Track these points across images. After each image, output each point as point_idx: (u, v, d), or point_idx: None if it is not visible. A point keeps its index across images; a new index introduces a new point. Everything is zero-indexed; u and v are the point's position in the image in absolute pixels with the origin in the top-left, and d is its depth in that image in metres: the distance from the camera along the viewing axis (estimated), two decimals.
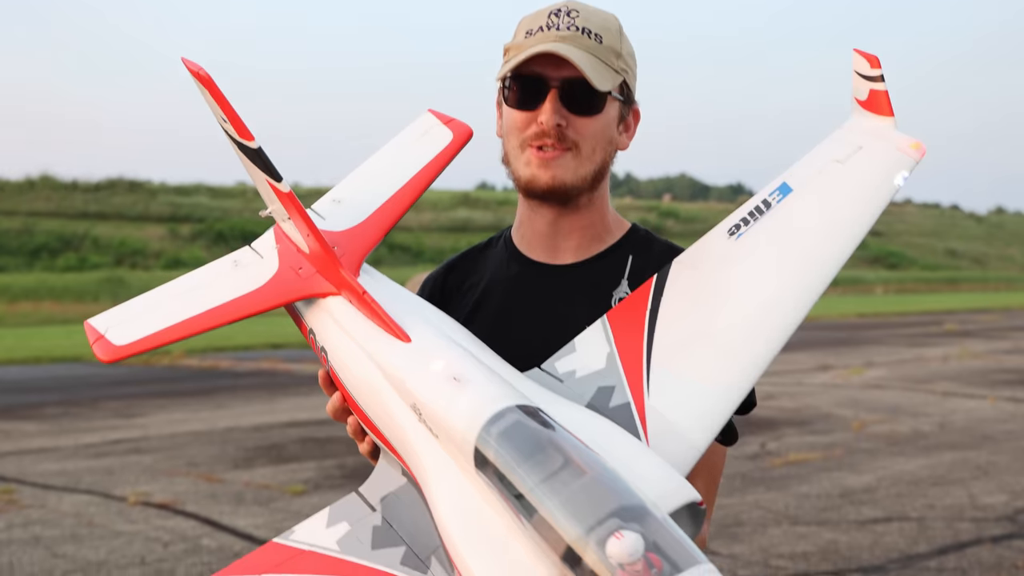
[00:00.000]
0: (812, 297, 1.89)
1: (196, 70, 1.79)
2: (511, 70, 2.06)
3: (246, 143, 1.86)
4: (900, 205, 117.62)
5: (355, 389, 1.86)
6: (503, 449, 1.50)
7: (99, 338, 1.95)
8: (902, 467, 9.63)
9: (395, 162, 2.22)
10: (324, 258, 1.93)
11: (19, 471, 9.68)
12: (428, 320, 1.85)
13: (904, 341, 24.71)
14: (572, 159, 2.08)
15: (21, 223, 49.41)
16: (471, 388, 1.62)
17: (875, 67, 1.97)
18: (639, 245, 2.21)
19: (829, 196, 1.98)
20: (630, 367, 1.82)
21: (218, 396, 14.95)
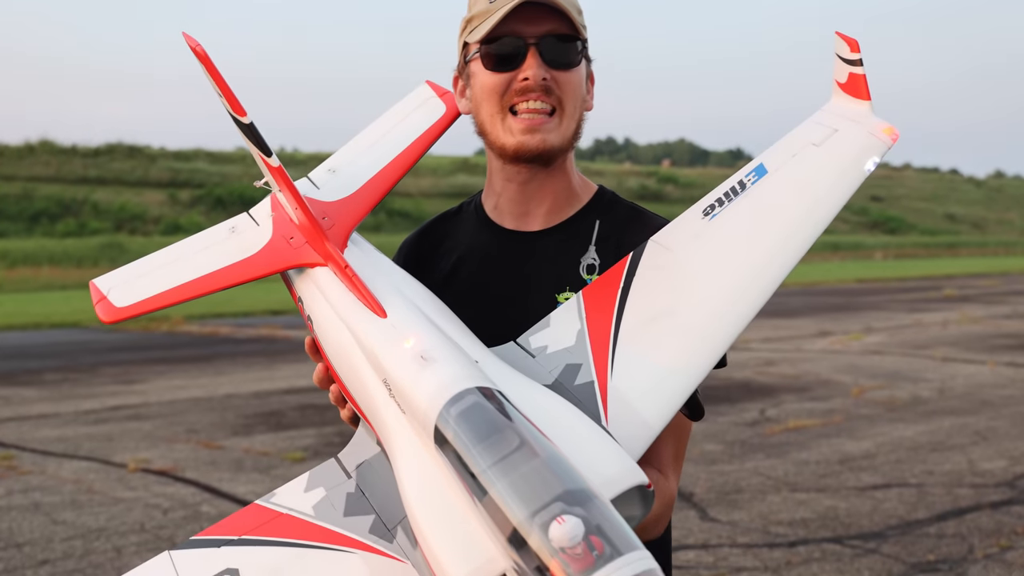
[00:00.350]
0: (775, 280, 1.92)
1: (194, 46, 1.81)
2: (490, 31, 2.03)
3: (239, 118, 1.90)
4: (899, 169, 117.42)
5: (335, 359, 1.91)
6: (460, 429, 1.54)
7: (102, 299, 2.01)
8: (901, 433, 9.64)
9: (390, 132, 2.25)
10: (311, 230, 1.98)
11: (19, 437, 9.70)
12: (405, 295, 1.88)
13: (903, 307, 24.74)
14: (557, 121, 2.08)
15: (20, 188, 49.33)
16: (436, 367, 1.65)
17: (855, 51, 1.98)
18: (605, 209, 2.22)
19: (800, 179, 2.00)
20: (597, 345, 1.85)
21: (218, 362, 14.97)
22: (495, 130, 2.10)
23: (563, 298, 2.08)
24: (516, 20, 2.03)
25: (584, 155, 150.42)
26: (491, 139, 2.12)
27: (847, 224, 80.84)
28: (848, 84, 2.04)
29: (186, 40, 1.84)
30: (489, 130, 2.11)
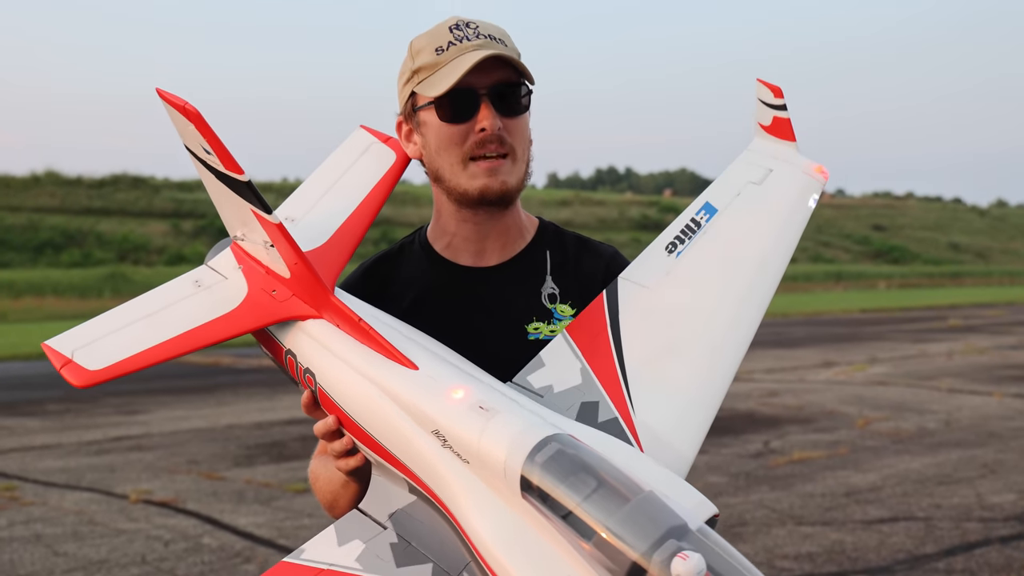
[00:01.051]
0: (760, 309, 2.06)
1: (182, 105, 1.76)
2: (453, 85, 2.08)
3: (235, 176, 1.85)
4: (902, 199, 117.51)
5: (357, 412, 1.88)
6: (550, 476, 1.58)
7: (67, 362, 1.88)
8: (907, 465, 9.58)
9: (343, 180, 2.25)
10: (310, 283, 1.95)
11: (21, 468, 9.66)
12: (417, 342, 1.92)
13: (908, 337, 24.68)
14: (511, 163, 2.16)
15: (26, 219, 49.44)
16: (502, 417, 1.68)
17: (778, 96, 2.17)
18: (553, 241, 2.31)
19: (755, 216, 2.15)
20: (608, 383, 1.92)
21: (219, 393, 14.93)
22: (456, 178, 2.16)
23: (532, 328, 2.17)
24: (468, 72, 2.10)
25: (585, 185, 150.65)
26: (450, 185, 2.18)
27: (849, 254, 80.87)
28: (773, 126, 2.23)
29: (167, 99, 1.80)
30: (448, 178, 2.17)
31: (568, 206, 76.44)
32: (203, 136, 1.80)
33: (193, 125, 1.79)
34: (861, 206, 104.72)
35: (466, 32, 2.13)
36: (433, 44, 2.13)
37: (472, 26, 2.14)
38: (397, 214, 56.00)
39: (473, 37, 2.12)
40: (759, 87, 2.17)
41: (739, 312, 2.04)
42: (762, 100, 2.19)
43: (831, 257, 77.98)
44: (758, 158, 2.23)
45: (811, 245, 79.86)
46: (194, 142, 1.87)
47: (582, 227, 49.35)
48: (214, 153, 1.83)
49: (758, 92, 2.18)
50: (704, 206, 2.16)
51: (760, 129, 2.24)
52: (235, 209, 1.98)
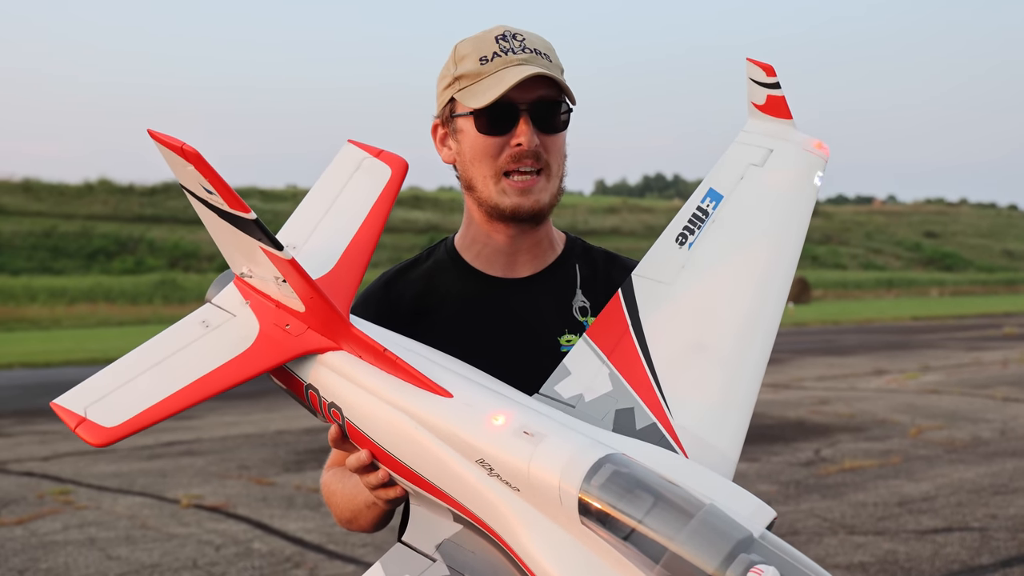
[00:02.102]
0: (782, 297, 2.00)
1: (179, 146, 1.69)
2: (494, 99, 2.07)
3: (242, 215, 1.78)
4: (954, 205, 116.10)
5: (392, 445, 1.82)
6: (609, 497, 1.56)
7: (81, 421, 1.78)
8: (962, 475, 9.44)
9: (340, 201, 2.14)
10: (327, 316, 1.88)
11: (76, 472, 9.78)
12: (447, 367, 1.86)
13: (961, 345, 24.36)
14: (545, 180, 2.16)
15: (80, 226, 50.18)
16: (550, 441, 1.65)
17: (771, 75, 2.11)
18: (581, 255, 2.31)
19: (763, 200, 2.10)
20: (640, 387, 1.87)
21: (269, 399, 15.03)
22: (488, 190, 2.16)
23: (565, 340, 2.15)
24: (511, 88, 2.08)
25: (633, 192, 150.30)
26: (483, 197, 2.17)
27: (901, 261, 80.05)
28: (767, 105, 2.16)
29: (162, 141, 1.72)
30: (481, 188, 2.16)
31: (616, 213, 76.35)
32: (204, 176, 1.73)
33: (192, 166, 1.72)
34: (913, 212, 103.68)
35: (512, 44, 2.11)
36: (478, 52, 2.12)
37: (519, 38, 2.13)
38: (445, 221, 56.23)
39: (519, 51, 2.11)
40: (749, 66, 2.11)
41: (761, 300, 1.98)
42: (754, 79, 2.13)
43: (882, 264, 77.25)
44: (756, 139, 2.17)
45: (862, 252, 79.18)
46: (192, 182, 1.79)
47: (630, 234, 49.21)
48: (217, 193, 1.75)
49: (749, 72, 2.13)
50: (708, 193, 2.10)
51: (754, 108, 2.18)
52: (240, 246, 1.90)
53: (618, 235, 63.99)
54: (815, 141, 2.15)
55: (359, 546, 7.14)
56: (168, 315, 31.60)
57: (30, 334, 29.26)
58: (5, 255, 45.78)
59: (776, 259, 2.03)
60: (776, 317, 1.98)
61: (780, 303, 2.00)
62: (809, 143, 2.15)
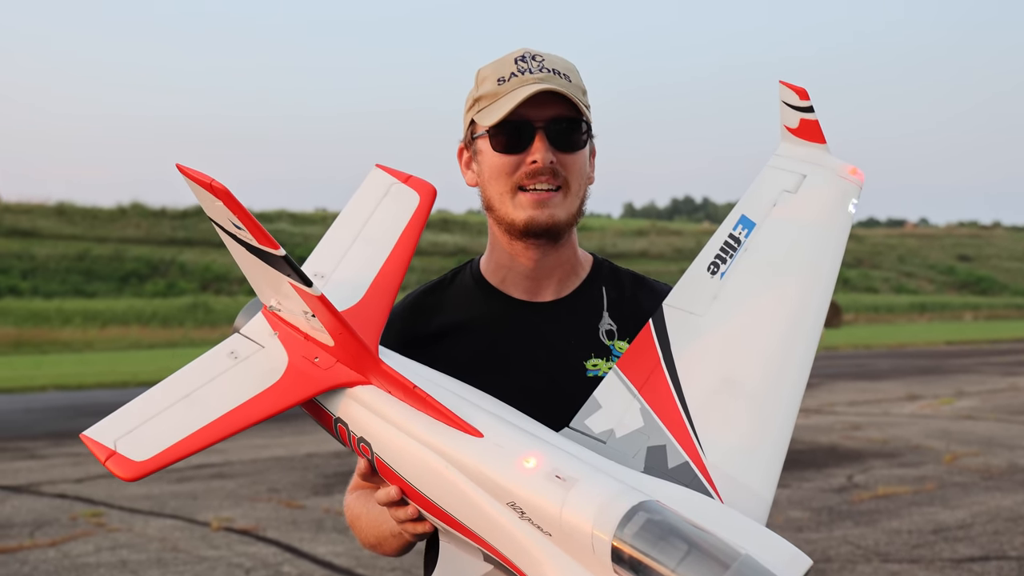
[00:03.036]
0: (816, 329, 1.95)
1: (208, 182, 1.69)
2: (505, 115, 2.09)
3: (271, 251, 1.77)
4: (988, 228, 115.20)
5: (421, 482, 1.81)
6: (642, 546, 1.54)
7: (111, 454, 1.77)
8: (999, 502, 9.33)
9: (368, 228, 2.14)
10: (356, 350, 1.87)
11: (108, 495, 9.82)
12: (474, 403, 1.84)
13: (997, 370, 24.11)
14: (562, 197, 2.14)
15: (112, 249, 50.57)
16: (583, 487, 1.63)
17: (804, 99, 2.05)
18: (608, 277, 2.29)
19: (795, 229, 2.05)
20: (672, 423, 1.84)
21: (299, 422, 15.05)
22: (504, 207, 2.15)
23: (591, 364, 2.13)
24: (524, 104, 2.09)
25: (662, 215, 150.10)
26: (500, 215, 2.17)
27: (933, 284, 79.45)
28: (800, 129, 2.11)
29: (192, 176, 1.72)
30: (498, 207, 2.16)
31: (644, 236, 76.20)
32: (233, 212, 1.73)
33: (222, 202, 1.71)
34: (946, 236, 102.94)
35: (530, 64, 2.12)
36: (496, 74, 2.14)
37: (538, 59, 2.14)
38: (474, 244, 56.32)
39: (536, 70, 2.11)
40: (783, 89, 2.07)
41: (795, 333, 1.94)
42: (787, 103, 2.09)
43: (915, 288, 76.69)
44: (789, 163, 2.12)
45: (894, 276, 78.66)
46: (221, 217, 1.78)
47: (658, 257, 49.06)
48: (245, 228, 1.75)
49: (782, 95, 2.08)
50: (740, 219, 2.05)
51: (787, 132, 2.12)
52: (269, 279, 1.90)
53: (646, 258, 63.87)
54: (849, 167, 2.11)
55: (388, 570, 7.13)
56: (199, 338, 31.75)
57: (63, 356, 29.48)
58: (39, 278, 46.21)
59: (810, 290, 1.98)
60: (811, 350, 1.93)
61: (815, 335, 1.95)
62: (843, 169, 2.10)
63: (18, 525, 8.53)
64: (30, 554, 7.67)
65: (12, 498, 9.68)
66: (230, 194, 1.69)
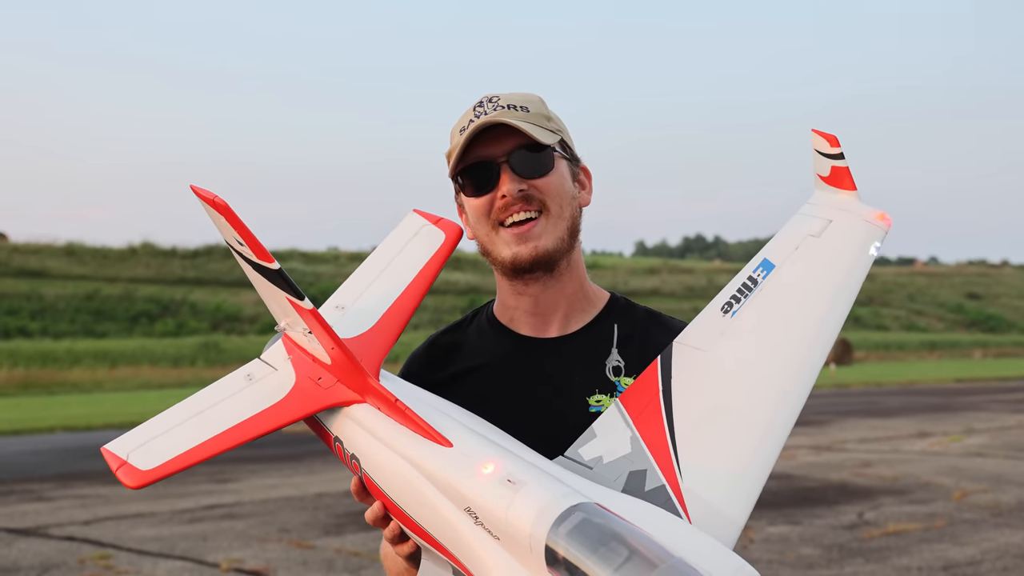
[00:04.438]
0: (815, 368, 1.96)
1: (211, 198, 1.80)
2: (458, 163, 2.15)
3: (267, 265, 1.88)
4: (997, 267, 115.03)
5: (397, 495, 1.87)
6: (575, 546, 1.53)
7: (122, 464, 1.91)
8: (1008, 539, 9.29)
9: (392, 265, 2.25)
10: (349, 368, 1.95)
11: (116, 536, 9.82)
12: (456, 420, 1.89)
13: (1006, 407, 24.01)
14: (545, 222, 2.16)
15: (122, 289, 50.71)
16: (529, 488, 1.64)
17: (835, 146, 2.08)
18: (621, 313, 2.29)
19: (812, 270, 2.06)
20: (657, 450, 1.86)
21: (310, 461, 15.06)
22: (493, 248, 2.19)
23: (594, 400, 2.14)
24: (484, 144, 2.14)
25: (674, 253, 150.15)
26: (492, 257, 2.21)
27: (943, 322, 79.27)
28: (831, 177, 2.13)
29: (198, 194, 1.83)
30: (489, 249, 2.20)
31: (656, 274, 76.25)
32: (233, 227, 1.83)
33: (224, 218, 1.82)
34: (955, 274, 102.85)
35: (486, 108, 2.16)
36: (459, 126, 2.18)
37: (495, 100, 2.17)
38: (485, 282, 56.36)
39: (491, 110, 2.14)
40: (815, 138, 2.10)
41: (794, 369, 1.95)
42: (819, 151, 2.12)
43: (925, 326, 76.51)
44: (818, 210, 2.15)
45: (904, 314, 78.50)
46: (230, 235, 1.89)
47: (669, 295, 48.95)
48: (245, 244, 1.85)
49: (814, 143, 2.11)
50: (762, 263, 2.08)
51: (819, 180, 2.16)
52: (275, 298, 2.00)
53: (658, 296, 63.88)
54: (878, 212, 2.13)
55: None
56: (210, 378, 31.48)
57: (72, 397, 29.52)
58: (48, 318, 46.34)
59: (815, 327, 1.99)
60: (806, 385, 1.94)
61: (813, 372, 1.96)
62: (871, 214, 2.12)
63: (25, 569, 8.53)
64: None
65: (19, 541, 9.68)
66: (230, 210, 1.80)
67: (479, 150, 2.14)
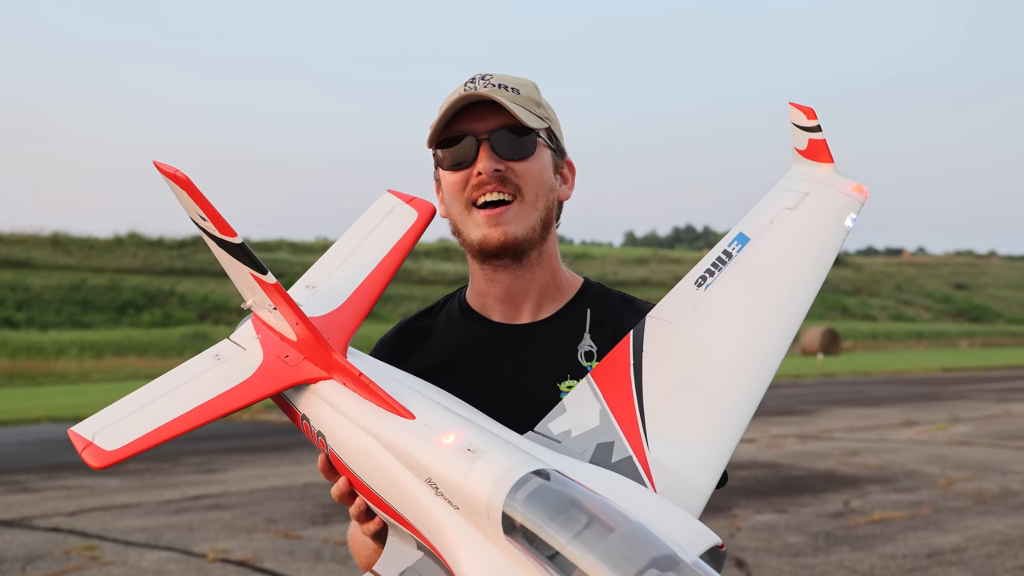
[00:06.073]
0: (786, 339, 1.95)
1: (172, 172, 1.79)
2: (439, 134, 2.12)
3: (229, 239, 1.86)
4: (984, 257, 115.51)
5: (361, 469, 1.86)
6: (531, 512, 1.52)
7: (88, 445, 1.92)
8: (992, 527, 9.34)
9: (363, 244, 2.24)
10: (314, 344, 1.94)
11: (102, 527, 9.80)
12: (422, 394, 1.88)
13: (991, 396, 24.12)
14: (518, 209, 2.12)
15: (109, 279, 50.49)
16: (487, 457, 1.63)
17: (811, 118, 2.06)
18: (594, 298, 2.26)
19: (786, 242, 2.05)
20: (625, 422, 1.85)
21: (297, 451, 15.04)
22: (464, 228, 2.16)
23: (565, 386, 2.12)
24: (469, 119, 2.11)
25: (663, 243, 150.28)
26: (462, 238, 2.18)
27: (930, 312, 79.52)
28: (809, 150, 2.12)
29: (159, 169, 1.82)
30: (460, 228, 2.17)
31: (645, 264, 76.27)
32: (195, 202, 1.81)
33: (186, 192, 1.80)
34: (942, 264, 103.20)
35: (477, 84, 2.12)
36: (447, 102, 2.14)
37: (487, 78, 2.14)
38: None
39: (481, 87, 2.11)
40: (792, 110, 2.08)
41: (763, 340, 1.94)
42: (796, 124, 2.10)
43: (912, 316, 76.72)
44: (794, 184, 2.13)
45: (892, 304, 78.71)
46: (193, 211, 1.87)
47: (659, 285, 49.08)
48: (208, 219, 1.83)
49: (791, 116, 2.09)
50: (737, 237, 2.07)
51: (797, 154, 2.14)
52: (241, 275, 1.99)
53: (647, 286, 63.90)
54: (854, 184, 2.11)
55: None
56: None
57: (58, 388, 29.42)
58: (34, 309, 46.15)
59: (788, 300, 1.98)
60: (776, 357, 1.93)
61: (783, 343, 1.94)
62: (847, 186, 2.11)
63: (9, 560, 8.50)
64: None
65: (4, 532, 9.65)
66: (192, 184, 1.78)
67: (462, 124, 2.11)
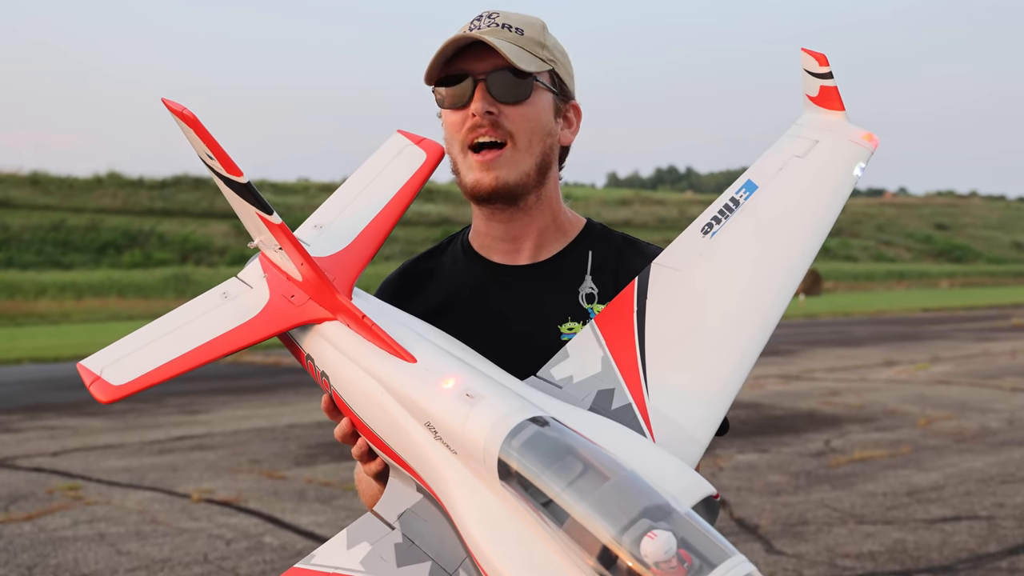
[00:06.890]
0: (789, 289, 1.94)
1: (180, 110, 1.77)
2: (438, 72, 2.07)
3: (235, 179, 1.85)
4: (965, 197, 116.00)
5: (363, 411, 1.86)
6: (526, 459, 1.53)
7: (95, 379, 1.93)
8: (970, 464, 9.44)
9: (372, 184, 2.22)
10: (319, 285, 1.94)
11: (85, 467, 9.82)
12: (425, 337, 1.87)
13: (970, 336, 24.32)
14: (511, 154, 2.07)
15: (88, 220, 50.25)
16: (486, 403, 1.63)
17: (823, 65, 2.03)
18: (597, 240, 2.23)
19: (794, 190, 2.03)
20: (626, 369, 1.84)
21: (281, 392, 15.08)
22: (461, 170, 2.12)
23: (566, 328, 2.10)
24: (469, 58, 2.06)
25: (645, 184, 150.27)
26: (459, 179, 2.14)
27: (911, 252, 79.95)
28: (820, 97, 2.09)
29: (167, 106, 1.80)
30: (458, 169, 2.14)
31: (628, 205, 76.34)
32: (202, 140, 1.80)
33: (193, 131, 1.79)
34: (923, 205, 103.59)
35: (482, 22, 2.08)
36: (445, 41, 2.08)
37: (493, 16, 2.09)
38: (457, 214, 56.27)
39: (486, 25, 2.07)
40: (804, 57, 2.04)
41: (769, 290, 1.92)
42: (808, 70, 2.06)
43: (893, 256, 77.14)
44: (805, 131, 2.10)
45: (873, 244, 79.10)
46: (200, 149, 1.86)
47: (641, 226, 49.19)
48: (215, 157, 1.82)
49: (803, 62, 2.05)
50: (745, 184, 2.04)
51: (808, 101, 2.11)
52: (248, 214, 1.98)
53: (630, 227, 63.96)
54: (864, 133, 2.08)
55: None
56: None
57: (39, 329, 29.37)
58: (13, 249, 45.91)
59: (794, 248, 1.96)
60: (780, 305, 1.91)
61: (788, 291, 1.93)
62: (858, 134, 2.08)
63: None
64: (5, 528, 7.67)
65: None
66: (199, 122, 1.76)
67: (462, 63, 2.06)
